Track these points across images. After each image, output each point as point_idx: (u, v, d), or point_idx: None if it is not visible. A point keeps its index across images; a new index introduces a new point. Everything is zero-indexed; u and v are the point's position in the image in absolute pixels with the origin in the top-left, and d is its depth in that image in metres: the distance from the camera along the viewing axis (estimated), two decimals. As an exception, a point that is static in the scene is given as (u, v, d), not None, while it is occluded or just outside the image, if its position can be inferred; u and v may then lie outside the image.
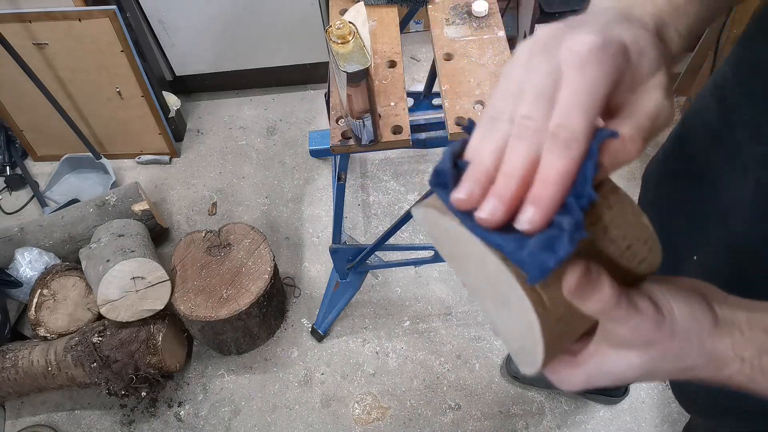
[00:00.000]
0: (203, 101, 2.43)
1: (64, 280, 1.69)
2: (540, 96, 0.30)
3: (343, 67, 1.04)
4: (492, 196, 0.30)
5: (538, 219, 0.29)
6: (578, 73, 0.29)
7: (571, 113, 0.29)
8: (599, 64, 0.29)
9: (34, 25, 1.85)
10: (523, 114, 0.30)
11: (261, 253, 1.67)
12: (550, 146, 0.29)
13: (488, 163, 0.31)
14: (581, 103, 0.29)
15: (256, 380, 1.76)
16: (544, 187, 0.29)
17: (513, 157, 0.30)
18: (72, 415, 1.75)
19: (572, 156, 0.29)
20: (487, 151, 0.31)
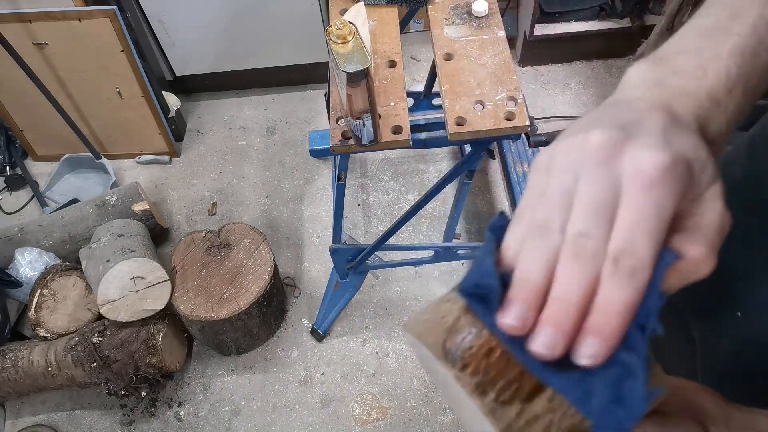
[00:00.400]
0: (203, 101, 2.43)
1: (64, 280, 1.69)
2: (599, 212, 0.27)
3: (343, 67, 1.03)
4: (548, 325, 0.27)
5: (602, 353, 0.27)
6: (645, 195, 0.27)
7: (637, 239, 0.27)
8: (667, 186, 0.27)
9: (34, 25, 1.85)
10: (580, 231, 0.27)
11: (261, 253, 1.67)
12: (612, 273, 0.27)
13: (540, 282, 0.28)
14: (648, 228, 0.27)
15: (256, 380, 1.76)
16: (607, 318, 0.27)
17: (569, 281, 0.27)
18: (72, 415, 1.75)
19: (637, 286, 0.27)
20: (537, 268, 0.28)
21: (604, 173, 0.28)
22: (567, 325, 0.27)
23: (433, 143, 1.33)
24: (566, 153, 0.30)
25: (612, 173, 0.28)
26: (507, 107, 1.22)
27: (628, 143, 0.28)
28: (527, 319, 0.28)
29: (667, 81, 0.34)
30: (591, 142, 0.29)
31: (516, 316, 0.28)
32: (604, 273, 0.27)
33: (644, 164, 0.27)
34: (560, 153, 0.30)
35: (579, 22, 2.24)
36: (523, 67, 2.38)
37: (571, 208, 0.28)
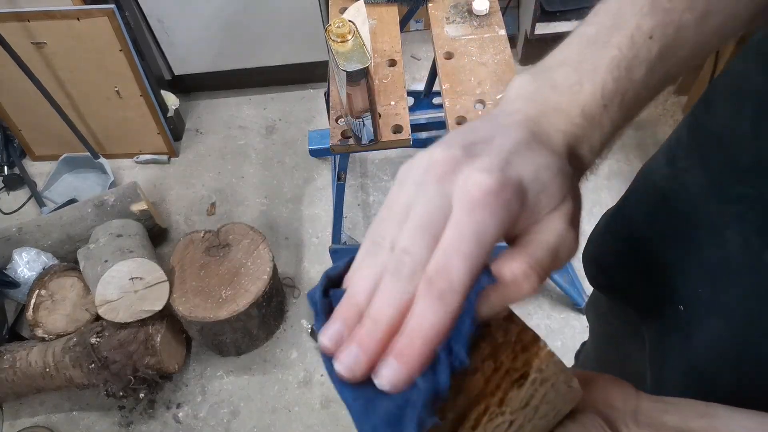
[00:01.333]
0: (202, 100, 2.42)
1: (62, 281, 1.69)
2: (424, 229, 0.27)
3: (343, 66, 1.03)
4: (353, 343, 0.27)
5: (400, 378, 0.26)
6: (467, 217, 0.27)
7: (452, 259, 0.26)
8: (491, 209, 0.27)
9: (32, 24, 1.84)
10: (402, 247, 0.27)
11: (260, 253, 1.66)
12: (424, 293, 0.26)
13: (361, 298, 0.28)
14: (465, 251, 0.26)
15: (255, 381, 1.75)
16: (410, 342, 0.26)
17: (384, 299, 0.27)
18: (70, 416, 1.74)
19: (448, 310, 0.26)
20: (362, 284, 0.28)
21: (434, 191, 0.28)
22: (371, 345, 0.26)
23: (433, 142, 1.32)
24: (416, 167, 0.30)
25: (445, 192, 0.27)
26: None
27: (465, 163, 0.28)
28: (341, 336, 0.27)
29: (543, 95, 0.34)
30: (433, 157, 0.29)
31: (329, 335, 0.28)
32: (418, 294, 0.26)
33: (470, 186, 0.27)
34: (414, 166, 0.30)
35: (580, 20, 2.23)
36: (524, 66, 2.37)
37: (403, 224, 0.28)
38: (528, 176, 0.29)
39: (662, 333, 0.54)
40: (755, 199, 0.41)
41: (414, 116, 1.40)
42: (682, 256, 0.50)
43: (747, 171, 0.42)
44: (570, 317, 1.77)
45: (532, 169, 0.29)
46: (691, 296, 0.49)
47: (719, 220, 0.45)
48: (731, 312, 0.44)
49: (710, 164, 0.47)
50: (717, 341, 0.46)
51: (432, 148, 0.30)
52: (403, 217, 0.28)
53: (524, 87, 0.35)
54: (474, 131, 0.31)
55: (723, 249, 0.44)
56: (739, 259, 0.43)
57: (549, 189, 0.29)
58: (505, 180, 0.27)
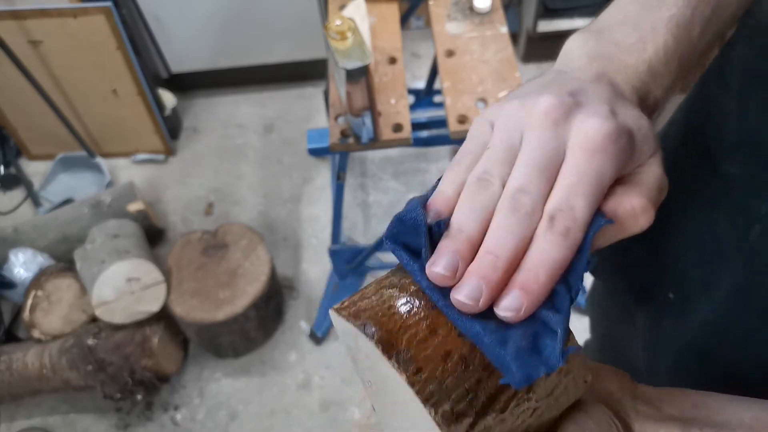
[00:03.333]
0: (199, 99, 2.40)
1: (58, 282, 1.68)
2: (541, 171, 0.28)
3: (343, 63, 1.02)
4: (475, 276, 0.27)
5: (526, 309, 0.27)
6: (588, 159, 0.28)
7: (574, 199, 0.27)
8: (610, 153, 0.28)
9: (28, 22, 1.83)
10: (519, 187, 0.28)
11: (258, 254, 1.65)
12: (546, 231, 0.27)
13: (475, 233, 0.28)
14: (586, 191, 0.27)
15: (253, 384, 1.74)
16: (536, 275, 0.27)
17: (502, 234, 0.27)
18: (67, 419, 1.73)
19: (570, 246, 0.27)
20: (473, 219, 0.28)
21: (550, 134, 0.29)
22: (494, 278, 0.27)
23: (434, 141, 1.32)
24: (515, 111, 0.30)
25: (558, 136, 0.29)
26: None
27: (576, 109, 0.29)
28: (458, 269, 0.27)
29: (607, 53, 0.35)
30: (541, 104, 0.29)
31: (446, 265, 0.27)
32: (539, 230, 0.27)
33: (590, 131, 0.28)
34: (508, 110, 0.31)
35: (582, 18, 2.22)
36: (526, 64, 2.36)
37: (513, 163, 0.29)
38: (633, 125, 0.30)
39: (655, 317, 0.55)
40: (740, 177, 0.42)
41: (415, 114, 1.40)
42: (673, 239, 0.50)
43: (733, 148, 0.42)
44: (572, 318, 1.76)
45: (634, 118, 0.30)
46: (681, 279, 0.50)
47: (707, 200, 0.45)
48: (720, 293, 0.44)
49: (699, 142, 0.47)
50: (707, 323, 0.46)
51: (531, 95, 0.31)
52: (508, 156, 0.29)
53: (587, 45, 0.36)
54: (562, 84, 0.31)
55: (711, 230, 0.45)
56: (726, 239, 0.43)
57: (649, 138, 0.31)
58: (621, 127, 0.29)
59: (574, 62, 0.35)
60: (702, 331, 0.47)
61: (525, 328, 0.27)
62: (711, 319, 0.46)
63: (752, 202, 0.41)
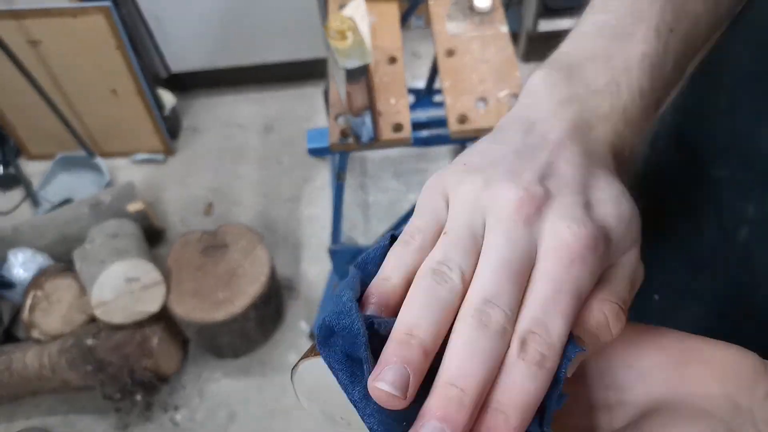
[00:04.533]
0: (199, 99, 2.40)
1: (58, 282, 1.67)
2: (512, 277, 0.24)
3: (342, 63, 1.02)
4: (437, 419, 0.21)
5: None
6: (566, 269, 0.24)
7: (551, 319, 0.23)
8: (589, 262, 0.24)
9: (28, 22, 1.83)
10: (488, 296, 0.23)
11: (258, 254, 1.64)
12: (518, 358, 0.22)
13: (430, 339, 0.22)
14: (564, 308, 0.23)
15: (253, 384, 1.73)
16: (506, 418, 0.22)
17: (469, 359, 0.22)
18: (66, 419, 1.73)
19: (545, 378, 0.23)
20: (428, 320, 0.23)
21: (521, 234, 0.25)
22: (460, 420, 0.21)
23: (434, 141, 1.32)
24: (476, 192, 0.26)
25: (530, 235, 0.25)
26: (510, 104, 1.20)
27: (548, 204, 0.25)
28: (408, 388, 0.21)
29: (580, 98, 0.30)
30: (509, 196, 0.25)
31: (394, 381, 0.21)
32: (509, 356, 0.23)
33: (567, 236, 0.24)
34: (469, 189, 0.26)
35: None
36: (527, 63, 2.35)
37: (474, 255, 0.25)
38: (611, 220, 0.27)
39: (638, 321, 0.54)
40: (729, 180, 0.40)
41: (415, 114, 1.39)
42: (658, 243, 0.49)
43: (722, 150, 0.41)
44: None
45: (613, 209, 0.27)
46: (665, 284, 0.48)
47: (695, 203, 0.44)
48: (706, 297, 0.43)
49: (688, 144, 0.46)
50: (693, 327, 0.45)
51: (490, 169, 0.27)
52: (470, 245, 0.25)
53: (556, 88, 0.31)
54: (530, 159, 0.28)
55: (698, 233, 0.44)
56: (714, 241, 0.42)
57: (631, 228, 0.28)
58: (599, 231, 0.25)
59: (542, 107, 0.31)
60: None
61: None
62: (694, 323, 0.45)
63: (740, 205, 0.40)
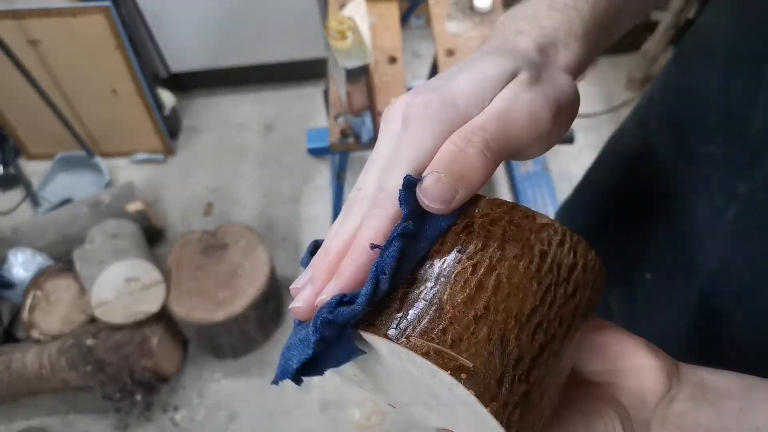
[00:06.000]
0: (199, 98, 2.40)
1: (57, 282, 1.67)
2: (373, 164, 0.29)
3: (342, 63, 1.02)
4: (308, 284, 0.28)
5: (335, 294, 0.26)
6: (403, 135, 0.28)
7: (390, 174, 0.27)
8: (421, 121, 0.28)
9: (27, 21, 1.82)
10: (357, 186, 0.29)
11: (258, 254, 1.64)
12: (367, 212, 0.27)
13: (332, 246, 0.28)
14: (401, 161, 0.27)
15: (253, 384, 1.73)
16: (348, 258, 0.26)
17: (339, 233, 0.28)
18: (66, 419, 1.72)
19: (382, 214, 0.27)
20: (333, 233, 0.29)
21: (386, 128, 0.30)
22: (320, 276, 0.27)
23: None
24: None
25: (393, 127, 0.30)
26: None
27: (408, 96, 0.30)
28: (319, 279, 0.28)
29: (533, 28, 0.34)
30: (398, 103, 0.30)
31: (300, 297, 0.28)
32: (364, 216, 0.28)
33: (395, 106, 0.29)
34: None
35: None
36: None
37: None
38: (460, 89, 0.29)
39: (629, 301, 0.55)
40: (720, 158, 0.42)
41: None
42: (650, 223, 0.50)
43: (715, 129, 0.42)
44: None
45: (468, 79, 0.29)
46: (657, 263, 0.50)
47: (686, 183, 0.46)
48: (696, 276, 0.45)
49: (680, 123, 0.47)
50: (683, 306, 0.46)
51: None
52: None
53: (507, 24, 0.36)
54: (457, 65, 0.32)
55: (689, 212, 0.45)
56: (704, 220, 0.44)
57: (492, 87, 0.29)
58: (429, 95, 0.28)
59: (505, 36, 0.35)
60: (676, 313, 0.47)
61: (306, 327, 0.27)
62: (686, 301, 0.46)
63: (731, 183, 0.41)
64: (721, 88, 0.42)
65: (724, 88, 0.41)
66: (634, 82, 2.20)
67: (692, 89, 0.46)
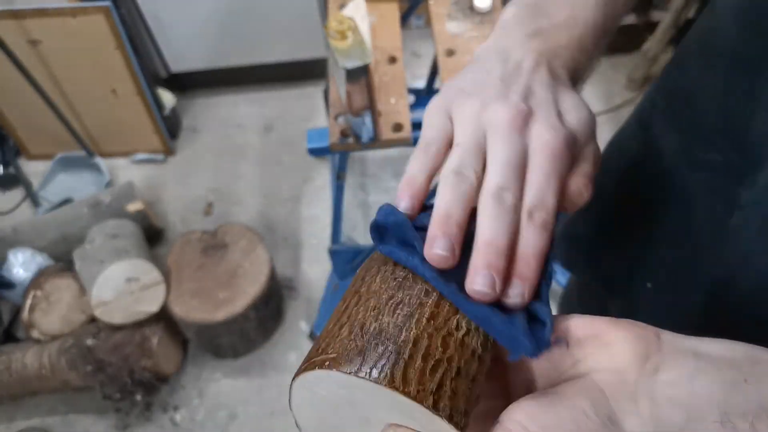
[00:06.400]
0: (199, 98, 2.40)
1: (57, 282, 1.67)
2: (514, 171, 0.32)
3: (342, 63, 1.01)
4: (485, 267, 0.29)
5: (528, 294, 0.30)
6: (551, 163, 0.32)
7: (547, 197, 0.32)
8: (566, 156, 0.33)
9: (27, 21, 1.82)
10: (501, 184, 0.31)
11: (258, 254, 1.64)
12: (528, 225, 0.31)
13: (462, 220, 0.31)
14: (554, 189, 0.32)
15: (253, 384, 1.73)
16: (528, 264, 0.30)
17: (496, 226, 0.31)
18: (66, 419, 1.72)
19: (549, 235, 0.31)
20: (458, 207, 0.31)
21: (516, 140, 0.33)
22: (501, 266, 0.30)
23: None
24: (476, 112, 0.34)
25: (522, 140, 0.33)
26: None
27: (532, 117, 0.34)
28: (454, 250, 0.30)
29: (543, 31, 0.38)
30: (503, 113, 0.33)
31: (444, 246, 0.30)
32: (523, 224, 0.31)
33: (549, 140, 0.33)
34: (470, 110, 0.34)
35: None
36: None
37: (482, 160, 0.33)
38: (575, 123, 0.35)
39: (629, 311, 0.55)
40: (722, 164, 0.42)
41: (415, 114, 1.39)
42: (651, 229, 0.51)
43: (716, 133, 0.42)
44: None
45: (576, 115, 0.35)
46: (658, 271, 0.50)
47: (688, 189, 0.46)
48: (697, 283, 0.44)
49: (681, 127, 0.47)
50: (686, 316, 0.46)
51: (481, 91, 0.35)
52: (478, 153, 0.33)
53: (523, 22, 0.39)
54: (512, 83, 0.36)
55: (691, 219, 0.45)
56: (706, 228, 0.43)
57: (589, 126, 0.36)
58: (570, 133, 0.34)
59: (514, 39, 0.38)
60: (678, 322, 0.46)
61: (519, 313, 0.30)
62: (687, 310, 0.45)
63: (733, 190, 0.41)
64: (721, 92, 0.42)
65: (724, 93, 0.41)
66: (634, 82, 2.20)
67: (692, 93, 0.45)
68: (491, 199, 0.31)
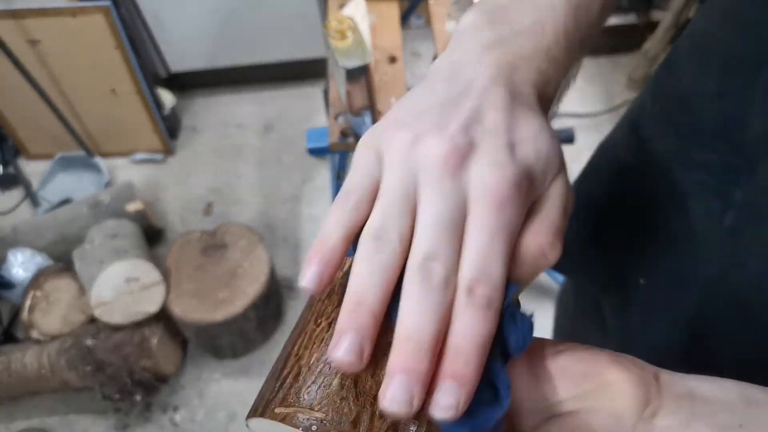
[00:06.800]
0: (199, 98, 2.40)
1: (57, 282, 1.67)
2: (447, 231, 0.25)
3: (342, 63, 1.01)
4: (400, 372, 0.23)
5: (464, 402, 0.23)
6: (496, 214, 0.25)
7: (491, 265, 0.24)
8: (516, 201, 0.25)
9: (27, 21, 1.82)
10: (429, 253, 0.24)
11: (257, 254, 1.64)
12: (466, 303, 0.24)
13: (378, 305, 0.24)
14: (500, 252, 0.25)
15: (253, 385, 1.73)
16: (466, 359, 0.23)
17: (419, 313, 0.23)
18: (66, 419, 1.72)
19: (495, 317, 0.24)
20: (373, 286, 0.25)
21: (450, 186, 0.26)
22: (422, 369, 0.23)
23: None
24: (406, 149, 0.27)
25: (458, 186, 0.26)
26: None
27: (473, 154, 0.26)
28: (364, 352, 0.24)
29: (504, 40, 0.31)
30: (435, 149, 0.26)
31: (349, 348, 0.23)
32: (458, 305, 0.24)
33: (492, 183, 0.25)
34: (398, 146, 0.27)
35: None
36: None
37: (412, 216, 0.26)
38: (532, 157, 0.27)
39: (622, 308, 0.54)
40: (717, 165, 0.41)
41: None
42: (644, 229, 0.50)
43: (710, 135, 0.42)
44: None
45: (533, 146, 0.28)
46: (652, 268, 0.49)
47: (682, 189, 0.45)
48: (691, 281, 0.44)
49: (676, 130, 0.46)
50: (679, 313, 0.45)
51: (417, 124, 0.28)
52: (405, 207, 0.26)
53: (481, 31, 0.32)
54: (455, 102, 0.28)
55: (685, 218, 0.44)
56: (700, 227, 0.43)
57: (551, 161, 0.28)
58: (521, 171, 0.26)
59: (468, 52, 0.31)
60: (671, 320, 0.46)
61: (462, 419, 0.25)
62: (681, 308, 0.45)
63: (728, 189, 0.40)
64: (715, 93, 0.41)
65: (719, 94, 0.41)
66: (635, 82, 2.19)
67: (686, 95, 0.45)
68: (416, 274, 0.24)
